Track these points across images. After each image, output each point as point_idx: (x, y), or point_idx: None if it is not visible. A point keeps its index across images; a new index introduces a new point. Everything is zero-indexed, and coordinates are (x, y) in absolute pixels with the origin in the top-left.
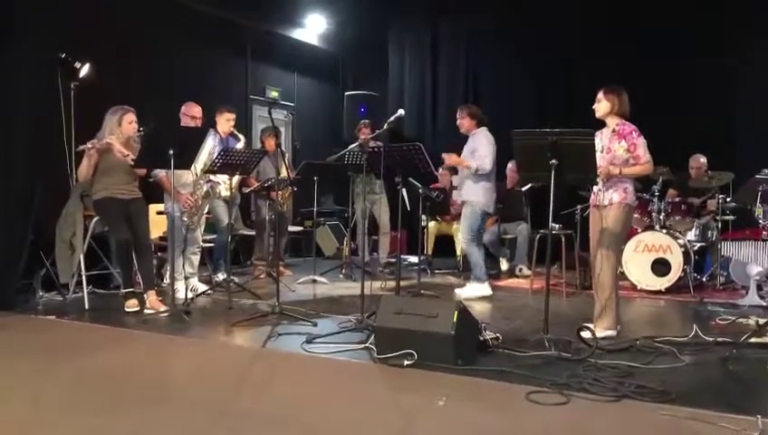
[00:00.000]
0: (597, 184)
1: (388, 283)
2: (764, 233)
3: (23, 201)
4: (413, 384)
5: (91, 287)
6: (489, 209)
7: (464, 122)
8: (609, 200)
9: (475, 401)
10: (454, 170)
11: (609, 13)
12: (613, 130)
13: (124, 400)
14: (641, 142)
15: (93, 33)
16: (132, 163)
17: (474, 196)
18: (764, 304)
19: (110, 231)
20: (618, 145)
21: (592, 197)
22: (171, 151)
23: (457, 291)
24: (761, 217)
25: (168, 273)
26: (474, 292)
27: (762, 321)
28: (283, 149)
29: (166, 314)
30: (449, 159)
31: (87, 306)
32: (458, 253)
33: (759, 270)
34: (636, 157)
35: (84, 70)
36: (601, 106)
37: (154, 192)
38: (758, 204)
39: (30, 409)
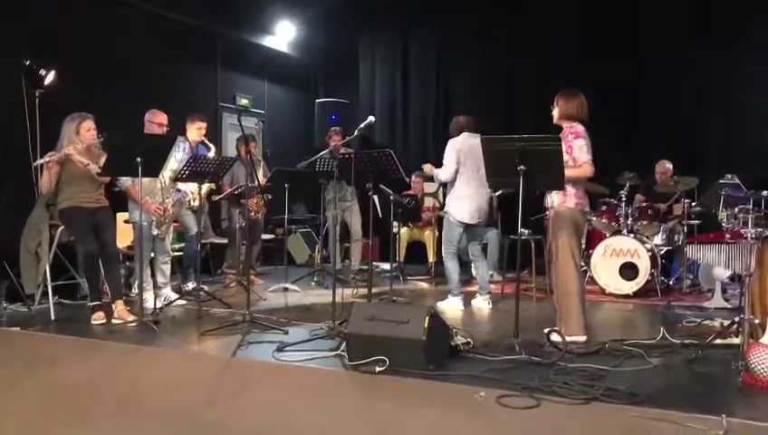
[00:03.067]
0: (564, 189)
1: (360, 290)
2: (728, 236)
3: None
4: (385, 391)
5: (57, 298)
6: (464, 220)
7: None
8: (551, 203)
9: (447, 406)
10: (428, 176)
11: (578, 18)
12: (562, 135)
13: (93, 412)
14: (578, 144)
15: (59, 39)
16: (98, 172)
17: (448, 206)
18: (729, 305)
19: (77, 242)
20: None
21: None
22: (139, 159)
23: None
24: (724, 220)
25: (136, 282)
26: (447, 304)
27: (726, 322)
28: (257, 157)
29: (134, 324)
30: (426, 167)
31: (53, 317)
32: (430, 259)
33: (729, 273)
34: (573, 159)
35: (50, 77)
36: (555, 112)
37: (120, 201)
38: (721, 208)
39: None
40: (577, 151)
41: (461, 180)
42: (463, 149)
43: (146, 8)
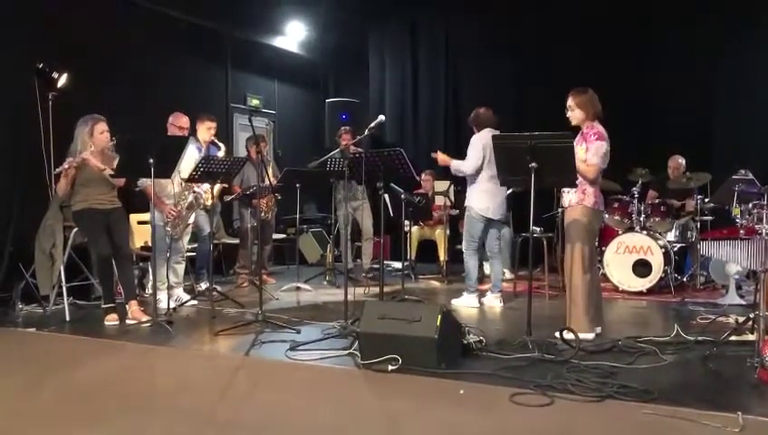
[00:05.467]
0: (575, 186)
1: (372, 289)
2: (742, 232)
3: (1, 213)
4: (398, 389)
5: (71, 299)
6: (488, 214)
7: (473, 128)
8: (569, 202)
9: (460, 404)
10: (439, 175)
11: (586, 16)
12: (580, 133)
13: (108, 412)
14: (595, 146)
15: (71, 42)
16: (111, 174)
17: (469, 200)
18: (744, 302)
19: (91, 245)
20: (579, 148)
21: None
22: (151, 160)
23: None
24: (738, 216)
25: (150, 283)
26: (462, 301)
27: (741, 319)
28: (267, 157)
29: (148, 325)
30: (439, 156)
31: (68, 318)
32: (441, 258)
33: (738, 269)
34: (586, 159)
35: (62, 80)
36: (570, 115)
37: (136, 202)
38: (735, 204)
39: (12, 423)
40: (592, 152)
41: (483, 176)
42: (488, 145)
43: (157, 9)
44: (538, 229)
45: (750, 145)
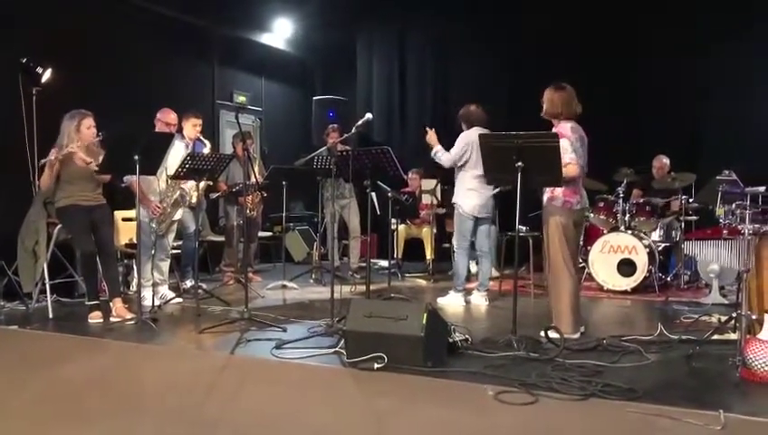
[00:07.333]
0: (561, 185)
1: (359, 287)
2: (725, 232)
3: None
4: (384, 387)
5: (54, 296)
6: (475, 212)
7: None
8: (543, 202)
9: (446, 403)
10: (426, 174)
11: (577, 14)
12: None
13: (92, 411)
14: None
15: (56, 37)
16: (96, 170)
17: (456, 198)
18: (726, 301)
19: (74, 242)
20: None
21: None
22: (136, 157)
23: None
24: (722, 217)
25: (134, 280)
26: (448, 300)
27: (724, 318)
28: (253, 154)
29: (132, 322)
30: (429, 134)
31: (51, 315)
32: (428, 256)
33: (714, 267)
34: None
35: (46, 75)
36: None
37: (120, 198)
38: (719, 204)
39: None
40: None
41: (470, 174)
42: (474, 144)
43: (143, 5)
44: (524, 228)
45: (735, 146)
